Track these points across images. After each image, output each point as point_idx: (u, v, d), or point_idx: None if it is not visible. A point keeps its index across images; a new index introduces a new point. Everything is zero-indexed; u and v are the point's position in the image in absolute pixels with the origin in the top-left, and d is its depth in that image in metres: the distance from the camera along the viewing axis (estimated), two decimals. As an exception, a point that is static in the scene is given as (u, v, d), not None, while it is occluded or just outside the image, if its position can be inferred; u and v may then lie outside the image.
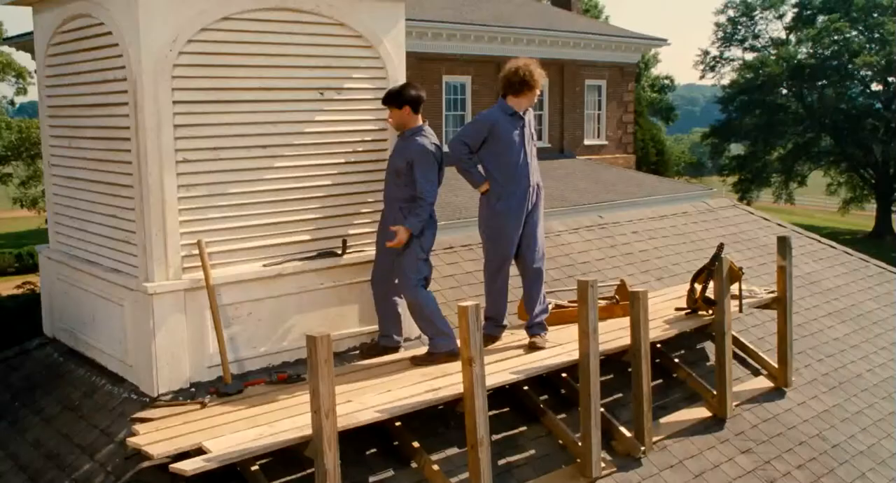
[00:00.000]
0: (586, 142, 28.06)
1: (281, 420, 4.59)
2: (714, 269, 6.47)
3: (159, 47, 4.95)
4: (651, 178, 26.18)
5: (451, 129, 23.96)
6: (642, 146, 32.47)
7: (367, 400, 4.92)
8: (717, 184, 44.53)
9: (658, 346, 6.97)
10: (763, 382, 7.25)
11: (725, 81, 46.95)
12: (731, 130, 44.95)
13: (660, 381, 6.79)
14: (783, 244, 7.08)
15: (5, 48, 34.04)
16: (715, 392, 6.64)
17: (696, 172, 56.32)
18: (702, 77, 49.14)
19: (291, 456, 4.61)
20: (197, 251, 5.20)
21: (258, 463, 4.65)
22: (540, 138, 26.61)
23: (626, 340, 5.98)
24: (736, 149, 48.70)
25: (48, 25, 5.94)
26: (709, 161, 54.18)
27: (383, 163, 5.95)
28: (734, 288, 6.70)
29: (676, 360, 6.91)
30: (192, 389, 5.25)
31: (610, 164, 27.44)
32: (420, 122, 5.81)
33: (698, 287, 6.65)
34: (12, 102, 39.72)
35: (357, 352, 6.04)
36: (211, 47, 5.16)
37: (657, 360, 6.94)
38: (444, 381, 5.23)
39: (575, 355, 5.61)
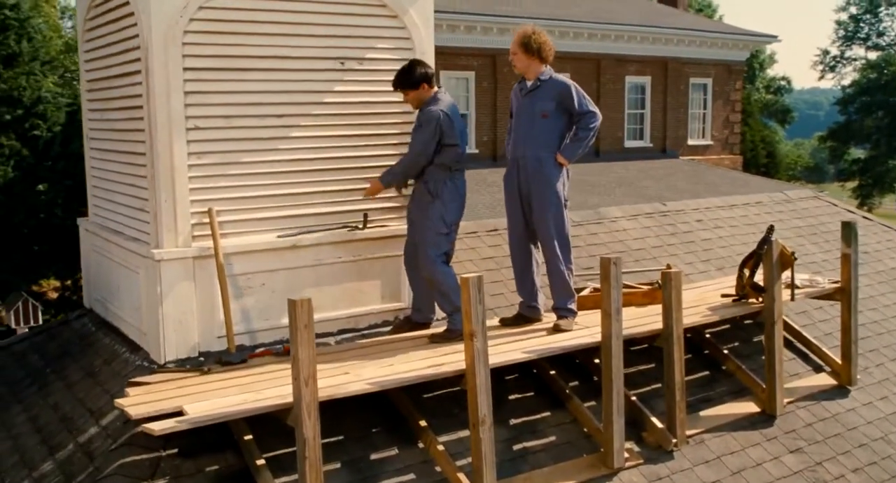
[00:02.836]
0: (690, 142, 27.17)
1: (270, 388, 4.49)
2: (763, 254, 6.04)
3: (170, 14, 4.94)
4: (758, 180, 25.06)
5: (548, 127, 23.59)
6: (751, 147, 31.24)
7: (364, 372, 4.77)
8: (836, 190, 42.45)
9: (707, 335, 6.59)
10: (824, 379, 6.74)
11: (846, 82, 44.73)
12: (852, 133, 42.74)
13: (706, 372, 6.40)
14: (848, 230, 6.56)
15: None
16: (765, 386, 6.19)
17: (814, 177, 53.92)
18: (821, 78, 47.05)
19: (286, 428, 4.51)
20: (208, 219, 5.17)
21: (252, 433, 4.59)
22: (641, 137, 25.98)
23: (660, 325, 5.63)
24: (858, 153, 46.30)
25: (85, 2, 6.05)
26: (829, 166, 51.76)
27: (408, 136, 5.79)
28: (787, 275, 6.24)
29: (725, 351, 6.49)
30: (201, 359, 5.22)
31: (714, 165, 26.47)
32: (434, 91, 5.67)
33: (747, 273, 6.22)
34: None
35: (378, 329, 5.90)
36: (223, 14, 5.13)
37: (706, 351, 6.57)
38: (451, 358, 5.02)
39: (599, 338, 5.31)
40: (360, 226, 5.75)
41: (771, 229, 6.08)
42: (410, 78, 5.57)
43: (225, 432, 4.64)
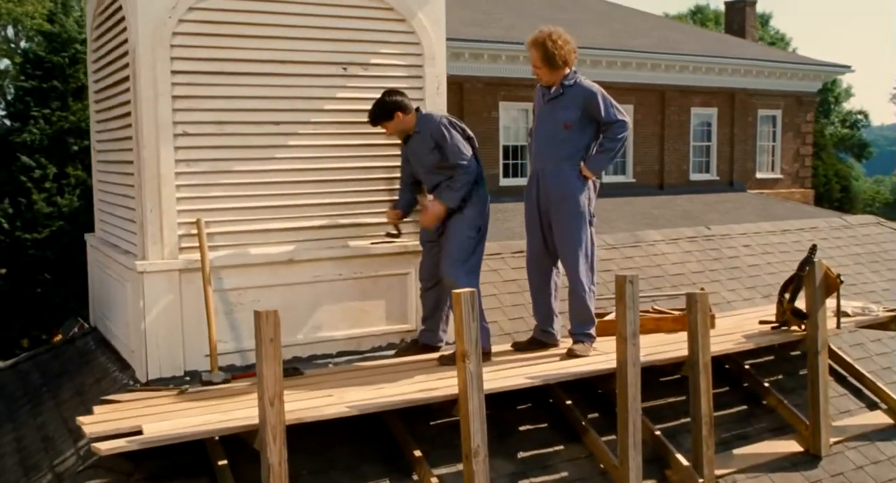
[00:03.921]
0: (758, 175, 26.35)
1: (242, 409, 4.15)
2: (804, 277, 5.50)
3: (157, 14, 4.72)
4: (831, 214, 24.12)
5: (610, 160, 23.07)
6: (824, 182, 30.12)
7: (349, 396, 4.39)
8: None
9: (746, 366, 6.03)
10: (879, 418, 6.09)
11: (928, 115, 42.96)
12: (934, 167, 40.99)
13: (744, 406, 5.84)
14: (904, 253, 5.96)
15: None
16: (808, 423, 5.61)
17: (894, 214, 51.72)
18: (900, 110, 45.23)
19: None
20: (196, 231, 4.89)
21: (227, 458, 4.25)
22: (707, 170, 25.27)
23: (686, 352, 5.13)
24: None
25: (91, 11, 5.93)
26: (913, 202, 49.62)
27: (415, 145, 5.45)
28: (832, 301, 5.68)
29: (766, 384, 5.92)
30: (187, 378, 4.92)
31: (784, 199, 25.57)
32: (415, 116, 5.33)
33: (787, 297, 5.67)
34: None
35: (382, 352, 5.53)
36: (215, 16, 4.89)
37: (745, 384, 6.01)
38: (449, 382, 4.61)
39: (614, 364, 4.84)
40: (395, 231, 5.44)
41: (813, 249, 5.54)
42: (384, 110, 5.22)
43: (201, 456, 4.32)
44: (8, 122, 24.04)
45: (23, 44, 36.35)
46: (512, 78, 20.49)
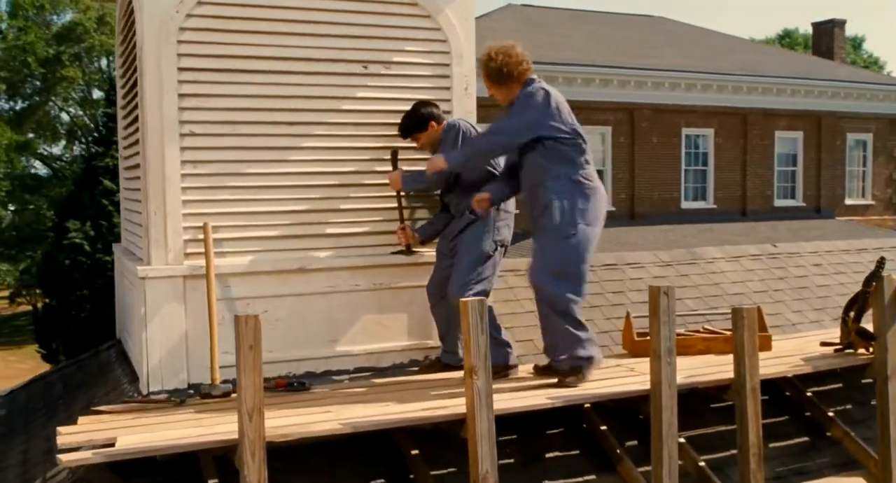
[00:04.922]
0: (847, 201, 25.15)
1: (229, 424, 3.84)
2: (871, 293, 4.93)
3: (164, 9, 4.53)
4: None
5: (691, 184, 22.41)
6: (921, 208, 28.56)
7: (350, 413, 4.04)
8: None
9: (808, 394, 5.46)
10: (963, 455, 5.42)
11: None
12: None
13: (805, 438, 5.27)
14: None
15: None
16: (878, 457, 5.01)
17: None
18: None
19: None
20: (202, 235, 4.64)
21: (218, 475, 3.95)
22: (792, 196, 24.25)
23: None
24: None
25: (119, 16, 5.83)
26: None
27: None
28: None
29: (831, 414, 5.34)
30: (190, 390, 4.65)
31: (875, 226, 24.29)
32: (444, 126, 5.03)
33: (852, 316, 5.10)
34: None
35: (403, 369, 5.17)
36: (226, 10, 4.67)
37: (807, 413, 5.43)
38: (458, 400, 4.22)
39: (648, 385, 4.37)
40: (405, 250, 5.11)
41: (881, 263, 4.97)
42: (416, 118, 4.97)
43: (193, 473, 4.04)
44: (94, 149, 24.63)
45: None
46: (587, 101, 20.01)
